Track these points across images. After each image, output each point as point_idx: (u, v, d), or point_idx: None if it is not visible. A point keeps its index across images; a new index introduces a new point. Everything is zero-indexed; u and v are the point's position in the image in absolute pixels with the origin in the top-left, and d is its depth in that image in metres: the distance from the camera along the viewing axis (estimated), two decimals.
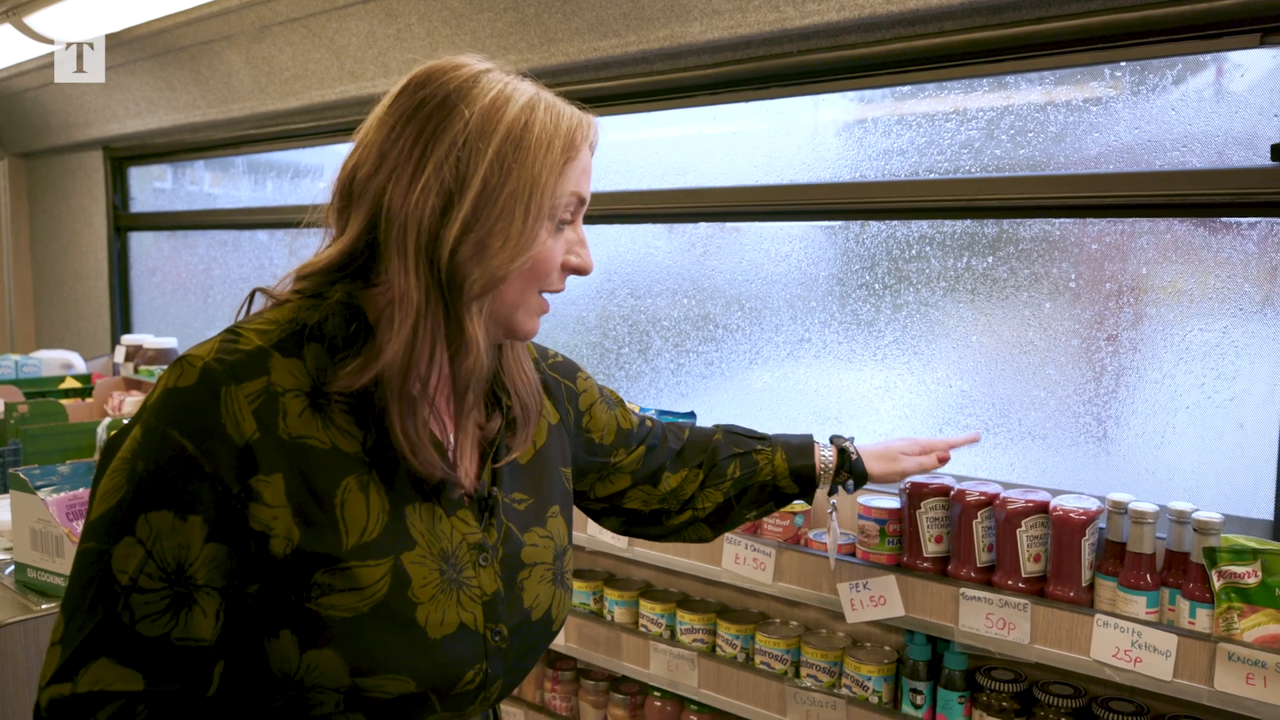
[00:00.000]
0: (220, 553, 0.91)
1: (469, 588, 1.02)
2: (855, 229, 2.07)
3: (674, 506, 1.43)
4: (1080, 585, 1.60)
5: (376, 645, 0.95)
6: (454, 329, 0.98)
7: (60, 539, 1.91)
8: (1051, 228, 1.82)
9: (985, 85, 1.88)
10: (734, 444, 1.48)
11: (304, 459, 0.94)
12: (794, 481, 1.49)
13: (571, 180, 1.00)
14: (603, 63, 2.26)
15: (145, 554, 0.89)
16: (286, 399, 0.94)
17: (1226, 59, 1.64)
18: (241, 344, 0.95)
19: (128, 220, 4.10)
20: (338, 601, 0.94)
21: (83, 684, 0.89)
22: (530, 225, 0.96)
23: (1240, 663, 1.43)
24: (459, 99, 0.96)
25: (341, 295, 1.00)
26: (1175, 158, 1.68)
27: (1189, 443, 1.71)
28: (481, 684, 1.03)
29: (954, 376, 1.96)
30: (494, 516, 1.08)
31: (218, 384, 0.91)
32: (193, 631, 0.91)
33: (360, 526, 0.96)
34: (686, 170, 2.36)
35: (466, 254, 0.95)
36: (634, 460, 1.38)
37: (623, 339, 2.49)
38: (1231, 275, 1.65)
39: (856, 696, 1.82)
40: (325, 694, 0.95)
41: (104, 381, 3.24)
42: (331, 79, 2.83)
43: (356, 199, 0.98)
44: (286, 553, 0.93)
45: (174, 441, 0.90)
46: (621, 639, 2.12)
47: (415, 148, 0.95)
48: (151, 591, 0.89)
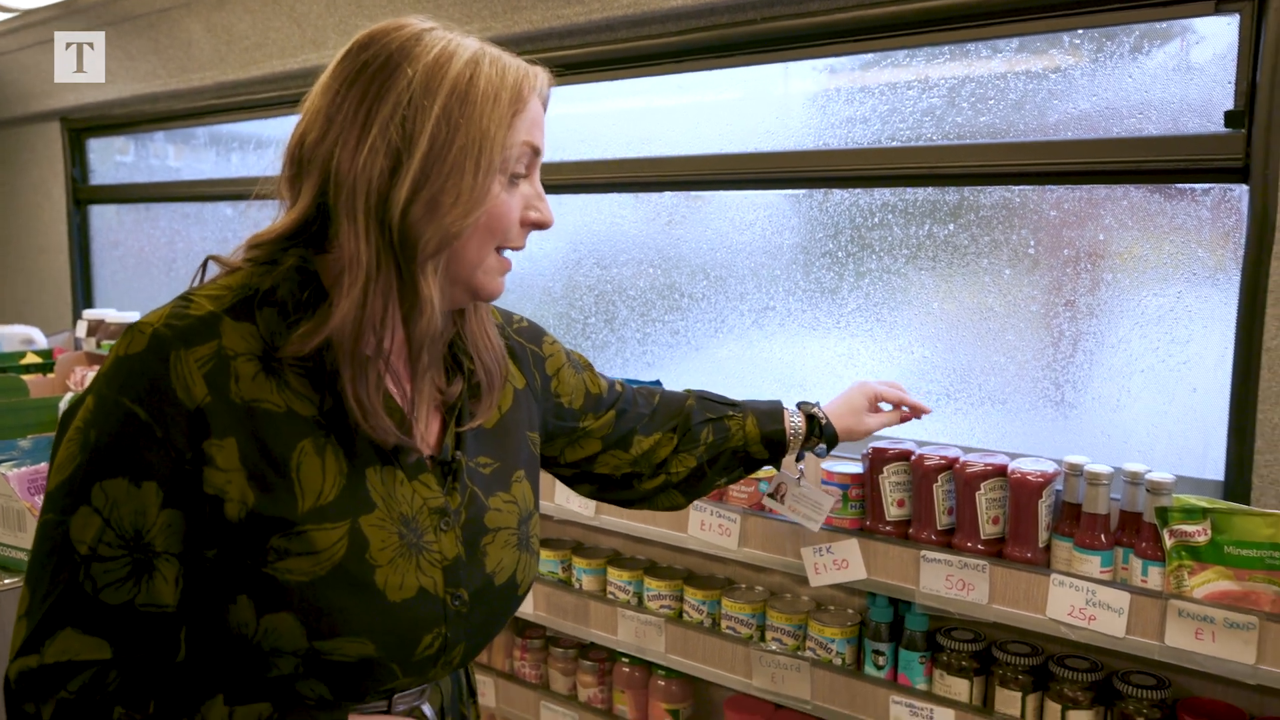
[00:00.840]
0: (176, 518, 0.91)
1: (429, 552, 1.02)
2: (819, 197, 2.08)
3: (646, 470, 1.43)
4: (1037, 546, 1.63)
5: (334, 609, 0.95)
6: (408, 290, 0.97)
7: (22, 513, 1.89)
8: (1011, 195, 1.83)
9: (947, 54, 1.89)
10: (707, 410, 1.49)
11: (257, 422, 0.94)
12: (764, 447, 1.51)
13: (521, 131, 0.99)
14: (567, 30, 2.24)
15: (103, 522, 0.89)
16: (238, 363, 0.94)
17: (1184, 27, 1.65)
18: (192, 309, 0.95)
19: (87, 193, 4.04)
20: (294, 565, 0.94)
21: (50, 655, 0.90)
22: (482, 180, 0.96)
23: (1190, 619, 1.46)
24: (402, 58, 0.96)
25: (295, 260, 0.99)
26: (1132, 125, 1.70)
27: (1143, 406, 1.74)
28: (441, 648, 1.04)
29: (916, 343, 1.98)
30: (457, 480, 1.08)
31: (167, 349, 0.91)
32: (156, 597, 0.91)
33: (316, 489, 0.96)
34: (652, 140, 2.35)
35: (418, 213, 0.95)
36: (603, 425, 1.39)
37: (589, 309, 2.49)
38: (1186, 241, 1.67)
39: (820, 658, 1.85)
40: (283, 657, 0.95)
41: (66, 356, 3.20)
42: (293, 47, 2.79)
43: (305, 166, 0.98)
44: (241, 517, 0.93)
45: (125, 409, 0.90)
46: (590, 606, 2.14)
47: (360, 110, 0.94)
48: (111, 560, 0.89)
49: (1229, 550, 1.47)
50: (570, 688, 2.26)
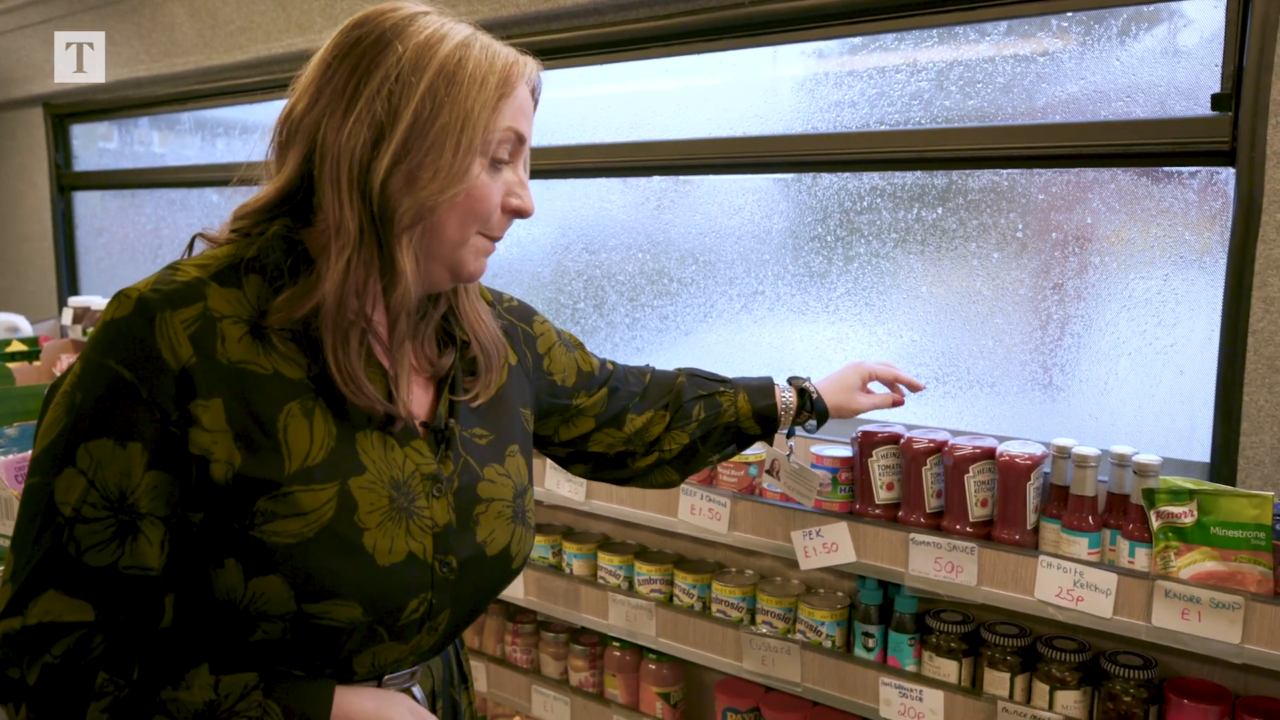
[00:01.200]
0: (162, 480, 0.92)
1: (420, 517, 1.03)
2: (808, 181, 2.07)
3: (639, 448, 1.45)
4: (1025, 528, 1.64)
5: (323, 571, 0.96)
6: (386, 261, 0.99)
7: (9, 501, 1.88)
8: (1000, 178, 1.84)
9: (935, 37, 1.88)
10: (698, 386, 1.50)
11: (244, 384, 0.95)
12: (756, 423, 1.52)
13: (506, 116, 1.01)
14: (554, 14, 2.23)
15: (87, 483, 0.90)
16: (225, 325, 0.95)
17: (1171, 9, 1.65)
18: (178, 276, 0.96)
19: (71, 179, 4.00)
20: (281, 528, 0.95)
21: (32, 616, 0.90)
22: (461, 158, 0.97)
23: (1176, 599, 1.48)
24: (394, 36, 0.98)
25: (279, 229, 1.01)
26: (1120, 108, 1.71)
27: (1130, 388, 1.75)
28: (426, 614, 1.04)
29: (905, 327, 1.99)
30: (450, 448, 1.09)
31: (152, 311, 0.92)
32: (140, 560, 0.92)
33: (304, 451, 0.97)
34: (640, 125, 2.34)
35: (397, 185, 0.97)
36: (596, 403, 1.40)
37: (578, 294, 2.49)
38: (1173, 224, 1.68)
39: (810, 641, 1.86)
40: (271, 622, 0.96)
41: (52, 344, 3.18)
42: (278, 31, 2.77)
43: (293, 136, 1.00)
44: (228, 478, 0.94)
45: (111, 370, 0.91)
46: (580, 591, 2.14)
47: (349, 83, 0.97)
48: (95, 521, 0.90)
49: (1215, 531, 1.48)
50: (562, 672, 2.26)
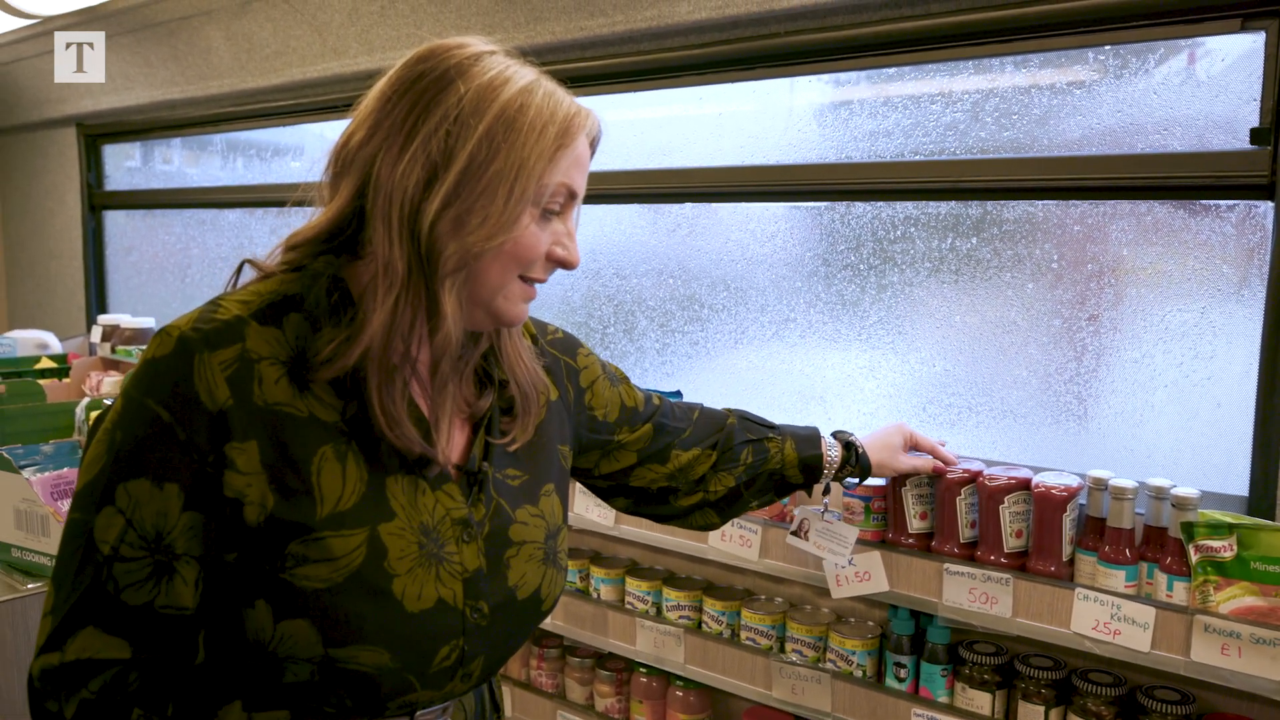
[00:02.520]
0: (198, 521, 0.93)
1: (449, 563, 1.02)
2: (841, 210, 2.08)
3: (683, 486, 1.43)
4: (1061, 560, 1.63)
5: (351, 616, 0.95)
6: (432, 303, 0.98)
7: (46, 518, 1.90)
8: (1034, 209, 1.84)
9: (970, 68, 1.90)
10: (748, 430, 1.50)
11: (280, 426, 0.95)
12: (800, 472, 1.52)
13: (561, 169, 0.99)
14: (589, 42, 2.26)
15: (125, 523, 0.91)
16: (262, 366, 0.95)
17: (1208, 44, 1.66)
18: (219, 314, 0.96)
19: (102, 198, 4.05)
20: (311, 572, 0.95)
21: (71, 652, 0.91)
22: (512, 207, 0.96)
23: (1216, 634, 1.47)
24: (457, 74, 0.97)
25: (323, 267, 1.01)
26: (1156, 140, 1.71)
27: (1167, 421, 1.75)
28: (459, 661, 1.03)
29: (937, 356, 1.99)
30: (482, 491, 1.08)
31: (192, 352, 0.92)
32: (175, 599, 0.93)
33: (335, 495, 0.96)
34: (672, 150, 2.36)
35: (445, 228, 0.96)
36: (639, 438, 1.39)
37: (608, 319, 2.50)
38: (1210, 257, 1.68)
39: (841, 670, 1.86)
40: (299, 664, 0.96)
41: (81, 362, 3.22)
42: (313, 56, 2.81)
43: (348, 167, 0.99)
44: (260, 520, 0.94)
45: (150, 410, 0.91)
46: (608, 616, 2.14)
47: (408, 119, 0.96)
48: (133, 560, 0.91)
49: (1255, 566, 1.47)
50: (587, 697, 2.26)
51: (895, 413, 2.05)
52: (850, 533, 1.73)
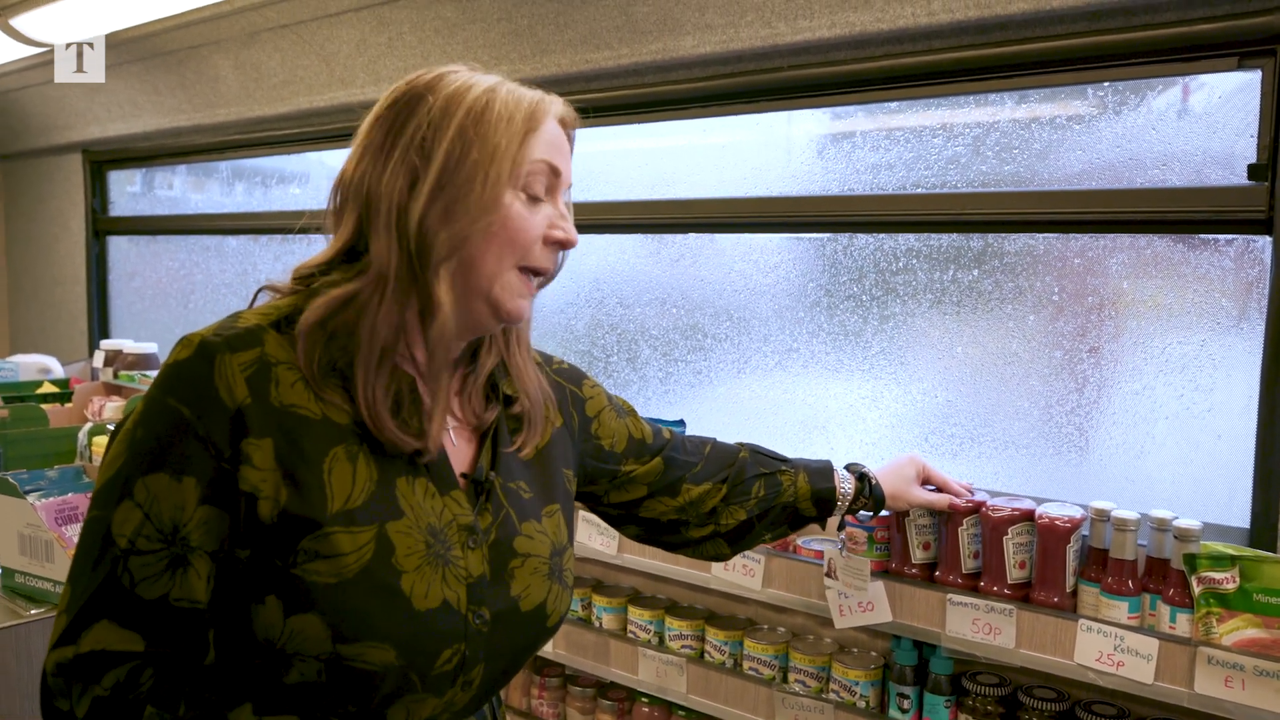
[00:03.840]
0: (213, 516, 0.95)
1: (455, 566, 1.05)
2: (843, 241, 2.11)
3: (693, 518, 1.45)
4: (1064, 591, 1.63)
5: (360, 612, 0.97)
6: (423, 294, 1.03)
7: (50, 544, 1.90)
8: (1035, 242, 1.86)
9: (971, 102, 1.93)
10: (760, 464, 1.51)
11: (294, 425, 0.99)
12: (814, 505, 1.52)
13: (537, 149, 1.06)
14: (594, 74, 2.29)
15: (143, 516, 0.93)
16: (279, 370, 0.99)
17: (1206, 81, 1.69)
18: (239, 323, 1.01)
19: (107, 224, 4.07)
20: (322, 568, 0.97)
21: (85, 645, 0.93)
22: (491, 189, 1.02)
23: (1219, 666, 1.47)
24: (425, 90, 1.05)
25: (336, 277, 1.05)
26: (1155, 175, 1.74)
27: (1168, 453, 1.76)
28: (459, 666, 1.04)
29: (939, 387, 2.00)
30: (489, 500, 1.11)
31: (213, 353, 0.97)
32: (189, 593, 0.95)
33: (345, 493, 0.99)
34: (675, 181, 2.39)
35: (434, 220, 1.02)
36: (649, 471, 1.40)
37: (611, 348, 2.51)
38: (1209, 290, 1.70)
39: (844, 701, 1.85)
40: (307, 662, 0.97)
41: (84, 387, 3.22)
42: (320, 85, 2.84)
43: (347, 198, 1.06)
44: (274, 516, 0.96)
45: (171, 408, 0.95)
46: (610, 645, 2.14)
47: (387, 137, 1.04)
48: (149, 553, 0.93)
49: (1258, 598, 1.48)
50: None
51: (897, 443, 2.06)
52: (865, 565, 1.73)
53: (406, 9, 2.46)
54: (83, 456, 2.63)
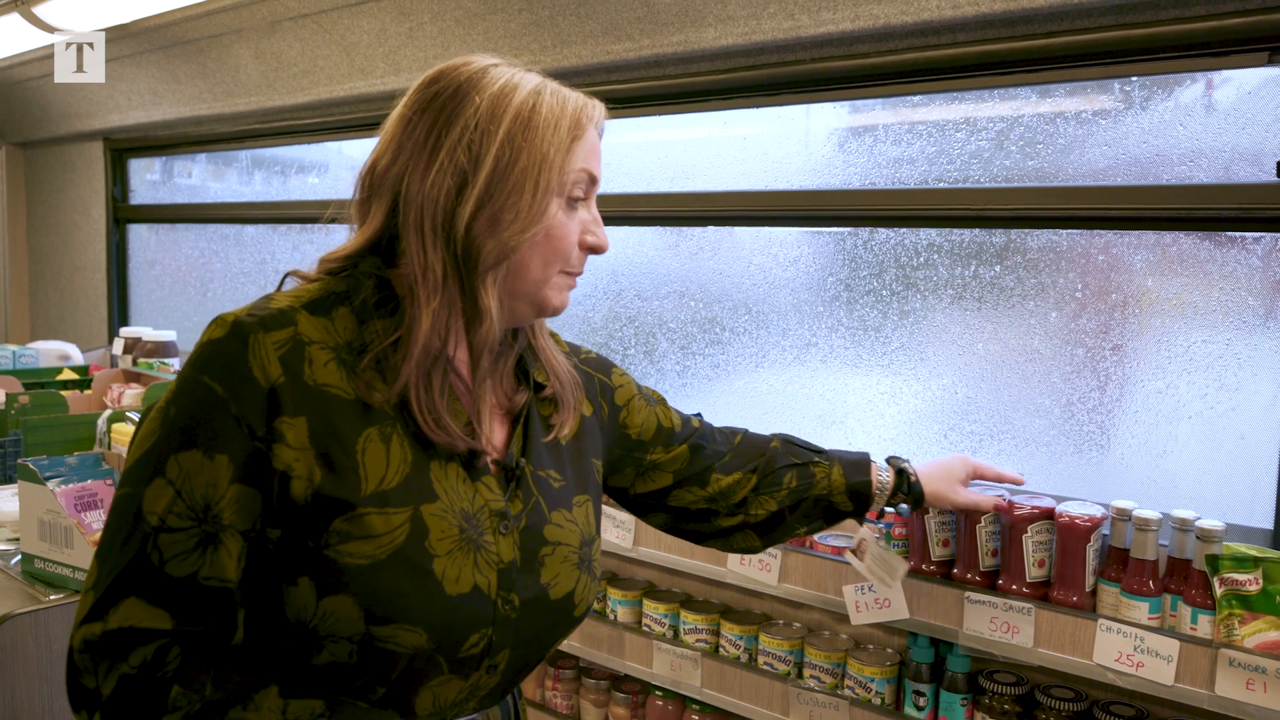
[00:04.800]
0: (245, 495, 0.95)
1: (487, 551, 1.05)
2: (864, 235, 2.09)
3: (723, 508, 1.43)
4: (1084, 591, 1.62)
5: (393, 594, 0.97)
6: (468, 300, 1.03)
7: (69, 530, 1.91)
8: (1059, 238, 1.84)
9: (995, 96, 1.91)
10: (791, 454, 1.48)
11: (328, 405, 0.99)
12: (849, 499, 1.49)
13: (580, 157, 1.06)
14: (615, 65, 2.28)
15: (174, 494, 0.93)
16: (313, 349, 1.00)
17: (1235, 76, 1.67)
18: (272, 304, 1.02)
19: (127, 212, 4.09)
20: (355, 549, 0.97)
21: (113, 621, 0.93)
22: (540, 199, 1.02)
23: (1241, 668, 1.46)
24: (470, 88, 1.03)
25: (369, 267, 1.06)
26: (1182, 172, 1.72)
27: (1190, 452, 1.74)
28: (485, 650, 1.05)
29: (959, 383, 1.99)
30: (520, 487, 1.11)
31: (247, 333, 0.97)
32: (219, 571, 0.95)
33: (379, 475, 0.99)
34: (695, 174, 2.38)
35: (481, 228, 1.01)
36: (675, 459, 1.39)
37: (629, 341, 2.51)
38: (1235, 288, 1.68)
39: (859, 698, 1.85)
40: (338, 643, 0.97)
41: (103, 374, 3.24)
42: (341, 75, 2.84)
43: (377, 190, 1.05)
44: (307, 495, 0.96)
45: (205, 386, 0.95)
46: (625, 638, 2.14)
47: (430, 135, 1.02)
48: (180, 531, 0.93)
49: None
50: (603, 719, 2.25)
51: (917, 439, 2.05)
52: (901, 566, 1.69)
53: None
54: (102, 443, 2.64)
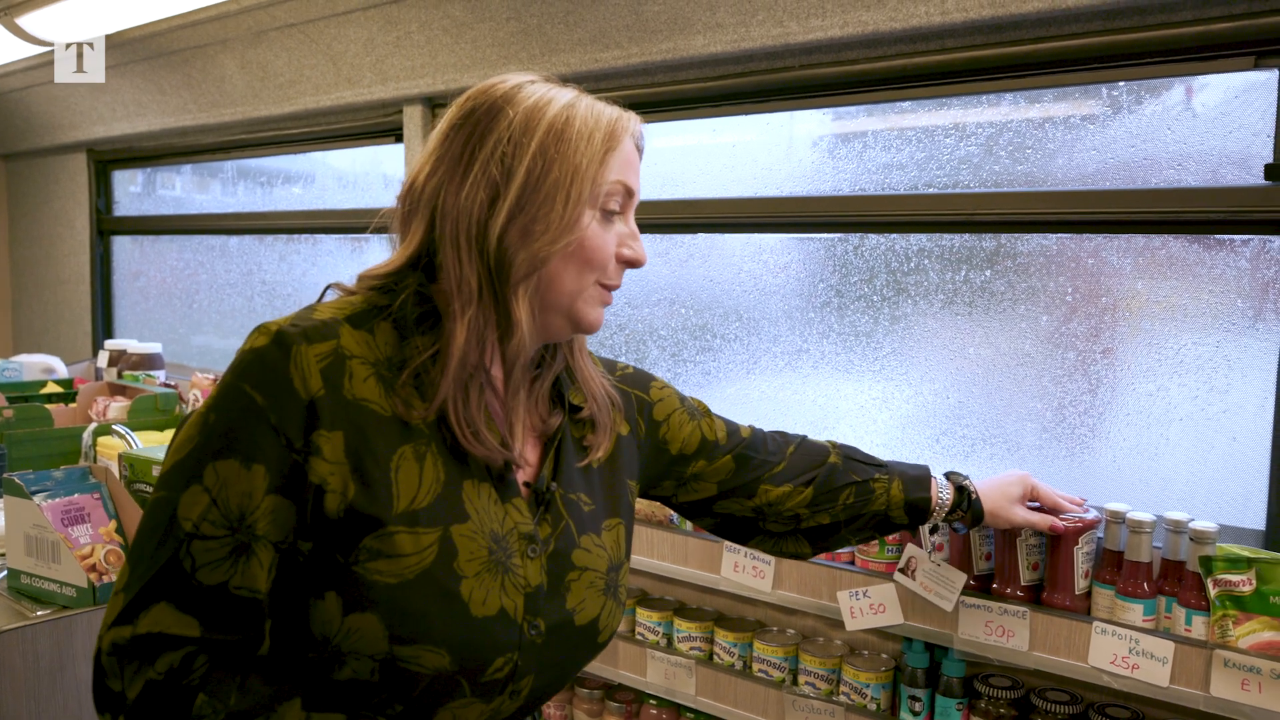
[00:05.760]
0: (281, 506, 0.95)
1: (515, 575, 1.04)
2: (854, 241, 2.10)
3: (771, 516, 1.41)
4: (1074, 593, 1.62)
5: (419, 614, 0.97)
6: (502, 312, 1.03)
7: (57, 545, 1.89)
8: (1049, 242, 1.85)
9: (984, 102, 1.92)
10: (852, 470, 1.45)
11: (365, 421, 0.99)
12: (905, 513, 1.47)
13: (614, 169, 1.06)
14: (604, 74, 2.28)
15: (210, 501, 0.93)
16: (353, 364, 1.00)
17: (1222, 80, 1.68)
18: (315, 315, 1.02)
19: (111, 224, 4.06)
20: (384, 567, 0.97)
21: (142, 626, 0.93)
22: (572, 210, 1.02)
23: (1235, 669, 1.46)
24: (504, 103, 1.04)
25: (413, 283, 1.05)
26: (1170, 175, 1.73)
27: (1182, 454, 1.75)
28: (510, 675, 1.04)
29: (951, 388, 1.99)
30: (549, 511, 1.11)
31: (289, 343, 0.97)
32: (250, 581, 0.95)
33: (411, 493, 0.99)
34: (685, 181, 2.38)
35: (513, 239, 1.02)
36: (718, 470, 1.38)
37: (619, 348, 2.50)
38: (1225, 291, 1.69)
39: (855, 704, 1.84)
40: (361, 661, 0.97)
41: (88, 387, 3.21)
42: (327, 85, 2.83)
43: (416, 206, 1.06)
44: (340, 510, 0.96)
45: (245, 394, 0.95)
46: (618, 647, 2.13)
47: (465, 150, 1.03)
48: (213, 539, 0.93)
49: (1275, 600, 1.46)
50: None
51: (909, 444, 2.05)
52: (959, 578, 1.68)
53: (415, 8, 2.45)
54: (87, 457, 2.61)
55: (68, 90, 3.65)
